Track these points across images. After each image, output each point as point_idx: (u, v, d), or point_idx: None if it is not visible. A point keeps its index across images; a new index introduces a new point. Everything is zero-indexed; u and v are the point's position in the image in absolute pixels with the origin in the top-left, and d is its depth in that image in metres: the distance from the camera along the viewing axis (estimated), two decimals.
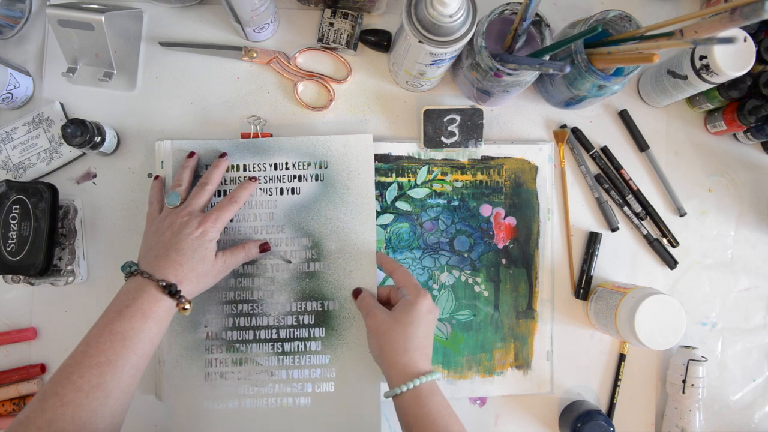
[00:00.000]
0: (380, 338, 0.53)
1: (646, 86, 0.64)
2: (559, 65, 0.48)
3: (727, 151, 0.67)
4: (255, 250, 0.58)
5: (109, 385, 0.43)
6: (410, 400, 0.49)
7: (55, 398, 0.42)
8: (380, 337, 0.53)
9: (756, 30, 0.59)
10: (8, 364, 0.60)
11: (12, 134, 0.61)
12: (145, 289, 0.48)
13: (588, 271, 0.64)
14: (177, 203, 0.55)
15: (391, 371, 0.51)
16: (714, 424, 0.65)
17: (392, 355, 0.51)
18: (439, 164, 0.63)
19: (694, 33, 0.45)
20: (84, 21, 0.55)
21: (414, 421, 0.48)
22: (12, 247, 0.54)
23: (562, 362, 0.63)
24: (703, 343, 0.65)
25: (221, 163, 0.59)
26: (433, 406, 0.48)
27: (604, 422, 0.58)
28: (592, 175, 0.64)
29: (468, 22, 0.50)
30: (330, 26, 0.61)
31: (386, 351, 0.52)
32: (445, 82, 0.64)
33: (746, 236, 0.67)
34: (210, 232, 0.52)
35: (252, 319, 0.60)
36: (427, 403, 0.49)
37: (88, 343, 0.45)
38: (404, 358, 0.51)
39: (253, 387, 0.59)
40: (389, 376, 0.51)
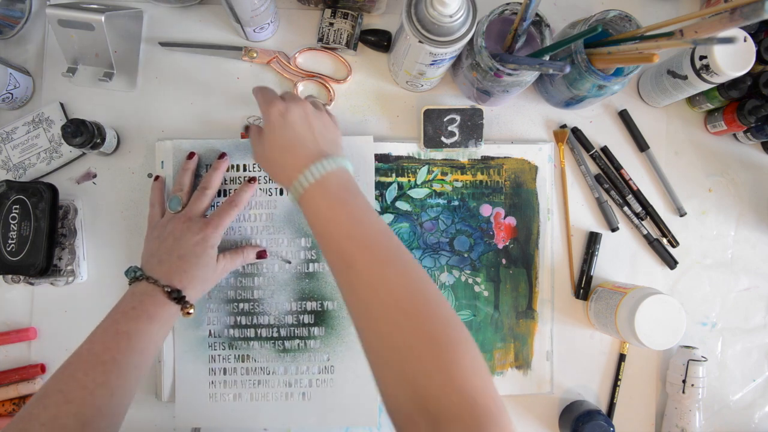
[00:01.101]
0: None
1: (646, 86, 0.64)
2: (559, 65, 0.48)
3: (727, 151, 0.67)
4: (252, 255, 0.59)
5: (113, 383, 0.44)
6: (303, 205, 0.45)
7: (58, 395, 0.42)
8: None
9: (756, 30, 0.59)
10: (8, 364, 0.60)
11: (12, 134, 0.61)
12: (151, 294, 0.48)
13: (588, 271, 0.64)
14: (179, 208, 0.55)
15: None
16: (714, 424, 0.65)
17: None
18: (439, 164, 0.63)
19: (694, 33, 0.45)
20: (84, 21, 0.55)
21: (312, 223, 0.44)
22: (12, 247, 0.54)
23: (562, 362, 0.63)
24: (703, 343, 0.65)
25: (221, 164, 0.59)
26: (320, 203, 0.43)
27: (604, 422, 0.58)
28: (592, 175, 0.64)
29: (468, 22, 0.50)
30: (330, 26, 0.61)
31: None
32: (445, 82, 0.64)
33: (746, 236, 0.67)
34: (211, 238, 0.53)
35: (253, 318, 0.60)
36: (312, 203, 0.44)
37: (93, 342, 0.45)
38: (278, 175, 0.48)
39: (255, 383, 0.60)
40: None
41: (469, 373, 0.36)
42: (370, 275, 0.40)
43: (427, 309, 0.38)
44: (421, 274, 0.40)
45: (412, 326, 0.37)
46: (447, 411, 0.34)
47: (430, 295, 0.39)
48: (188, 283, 0.50)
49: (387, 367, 0.38)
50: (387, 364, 0.38)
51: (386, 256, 0.41)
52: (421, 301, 0.39)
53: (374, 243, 0.41)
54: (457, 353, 0.36)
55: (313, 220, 0.44)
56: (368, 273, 0.40)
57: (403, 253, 0.41)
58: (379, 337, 0.39)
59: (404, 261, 0.41)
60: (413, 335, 0.37)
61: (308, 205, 0.45)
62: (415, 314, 0.38)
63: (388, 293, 0.39)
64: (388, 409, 0.38)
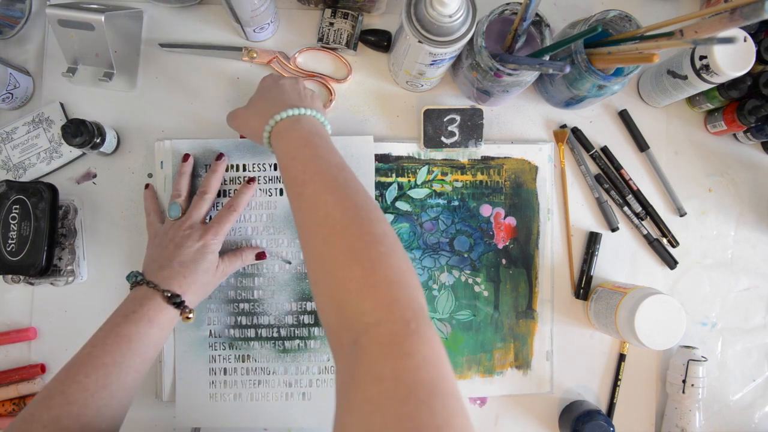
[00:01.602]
0: (241, 125, 0.53)
1: (646, 86, 0.64)
2: (559, 65, 0.48)
3: (727, 151, 0.67)
4: (251, 257, 0.59)
5: (114, 386, 0.44)
6: (275, 146, 0.47)
7: (60, 397, 0.42)
8: (241, 125, 0.53)
9: (756, 30, 0.59)
10: (8, 364, 0.60)
11: (12, 134, 0.61)
12: (151, 298, 0.49)
13: (588, 271, 0.64)
14: (179, 215, 0.56)
15: (258, 137, 0.49)
16: (714, 424, 0.65)
17: (252, 127, 0.50)
18: (439, 164, 0.63)
19: (694, 33, 0.45)
20: (84, 21, 0.55)
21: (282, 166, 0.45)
22: (12, 247, 0.54)
23: (562, 362, 0.63)
24: (703, 343, 0.65)
25: (219, 166, 0.59)
26: (286, 143, 0.45)
27: (604, 422, 0.58)
28: (592, 175, 0.64)
29: (468, 22, 0.50)
30: (330, 26, 0.61)
31: (248, 129, 0.51)
32: (445, 82, 0.64)
33: (746, 236, 0.67)
34: (211, 245, 0.54)
35: (253, 318, 0.60)
36: (281, 142, 0.46)
37: (94, 345, 0.46)
38: (256, 121, 0.50)
39: (255, 383, 0.60)
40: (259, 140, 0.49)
41: (389, 284, 0.35)
42: (314, 199, 0.41)
43: (358, 228, 0.38)
44: (363, 202, 0.41)
45: (340, 243, 0.38)
46: (364, 325, 0.33)
47: (364, 216, 0.39)
48: (187, 288, 0.51)
49: (318, 286, 0.39)
50: (318, 283, 0.39)
51: (333, 185, 0.42)
52: (354, 221, 0.39)
53: (326, 174, 0.43)
54: (376, 266, 0.36)
55: (280, 157, 0.46)
56: (313, 198, 0.41)
57: (351, 185, 0.42)
58: (313, 257, 0.40)
59: (350, 189, 0.41)
60: (340, 251, 0.38)
61: (278, 143, 0.47)
62: (343, 231, 0.38)
63: (325, 215, 0.40)
64: (325, 331, 0.38)
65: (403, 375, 0.30)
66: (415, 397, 0.29)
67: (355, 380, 0.31)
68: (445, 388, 0.30)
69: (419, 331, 0.32)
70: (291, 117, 0.47)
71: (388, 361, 0.31)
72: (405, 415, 0.28)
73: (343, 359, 0.35)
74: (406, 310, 0.34)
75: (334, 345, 0.36)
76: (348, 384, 0.32)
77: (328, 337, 0.38)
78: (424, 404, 0.29)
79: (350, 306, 0.35)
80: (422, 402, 0.29)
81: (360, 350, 0.32)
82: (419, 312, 0.34)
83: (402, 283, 0.36)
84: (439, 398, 0.29)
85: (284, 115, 0.47)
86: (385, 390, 0.30)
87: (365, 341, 0.33)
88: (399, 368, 0.30)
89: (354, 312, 0.35)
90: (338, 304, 0.36)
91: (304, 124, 0.47)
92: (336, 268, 0.37)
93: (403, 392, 0.29)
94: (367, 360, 0.32)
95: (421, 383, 0.30)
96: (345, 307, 0.35)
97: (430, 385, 0.30)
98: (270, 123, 0.47)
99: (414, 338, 0.32)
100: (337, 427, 0.31)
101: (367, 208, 0.40)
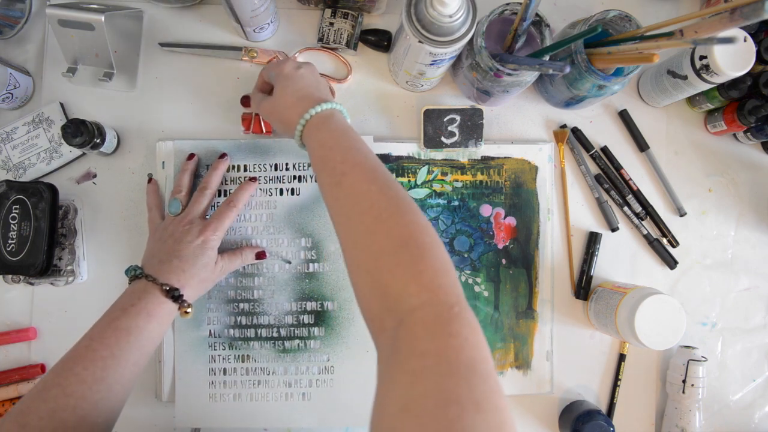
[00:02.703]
0: (272, 117, 0.53)
1: (646, 86, 0.64)
2: (559, 65, 0.48)
3: (727, 151, 0.67)
4: (251, 256, 0.59)
5: (112, 379, 0.44)
6: (309, 138, 0.48)
7: (57, 389, 0.42)
8: (271, 116, 0.53)
9: (756, 30, 0.59)
10: (8, 364, 0.60)
11: (12, 134, 0.61)
12: (150, 291, 0.49)
13: (588, 271, 0.64)
14: (179, 210, 0.56)
15: (289, 130, 0.50)
16: (714, 424, 0.65)
17: (285, 120, 0.50)
18: (439, 164, 0.63)
19: (694, 33, 0.45)
20: (84, 21, 0.55)
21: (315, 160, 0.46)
22: (12, 247, 0.54)
23: (562, 362, 0.63)
24: (703, 343, 0.65)
25: (220, 164, 0.59)
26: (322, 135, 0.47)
27: (604, 422, 0.58)
28: (592, 175, 0.64)
29: (468, 22, 0.50)
30: (330, 26, 0.61)
31: (280, 122, 0.51)
32: (445, 82, 0.64)
33: (746, 236, 0.67)
34: (210, 240, 0.54)
35: (253, 318, 0.60)
36: (317, 133, 0.47)
37: (91, 338, 0.46)
38: (289, 114, 0.50)
39: (255, 383, 0.60)
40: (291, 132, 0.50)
41: (434, 272, 0.36)
42: (355, 189, 0.42)
43: (401, 217, 0.40)
44: (402, 193, 0.42)
45: (385, 231, 0.39)
46: (409, 307, 0.35)
47: (406, 207, 0.40)
48: (186, 282, 0.51)
49: (361, 272, 0.40)
50: (360, 269, 0.40)
51: (373, 176, 0.43)
52: (396, 210, 0.40)
53: (364, 165, 0.44)
54: (423, 254, 0.37)
55: (316, 148, 0.47)
56: (353, 188, 0.42)
57: (389, 177, 0.43)
58: (355, 244, 0.41)
59: (388, 181, 0.42)
60: (385, 238, 0.39)
61: (313, 135, 0.47)
62: (387, 220, 0.39)
63: (369, 205, 0.41)
64: (364, 316, 0.39)
65: (445, 352, 0.32)
66: (456, 373, 0.30)
67: (398, 355, 0.33)
68: (484, 369, 0.31)
69: (462, 315, 0.34)
70: (325, 111, 0.48)
71: (433, 339, 0.33)
72: (445, 388, 0.30)
73: (385, 340, 0.36)
74: (450, 295, 0.35)
75: (376, 329, 0.38)
76: (390, 359, 0.33)
77: (369, 323, 0.39)
78: (464, 380, 0.30)
79: (396, 290, 0.36)
80: (463, 378, 0.30)
81: (404, 329, 0.34)
82: (461, 299, 0.36)
83: (446, 271, 0.37)
84: (479, 377, 0.31)
85: (319, 109, 0.48)
86: (427, 364, 0.31)
87: (410, 321, 0.34)
88: (442, 346, 0.32)
89: (400, 295, 0.36)
90: (383, 289, 0.37)
91: (338, 118, 0.48)
92: (382, 254, 0.38)
93: (445, 367, 0.31)
94: (410, 338, 0.33)
95: (463, 362, 0.31)
96: (390, 291, 0.36)
97: (471, 364, 0.31)
98: (305, 117, 0.48)
99: (457, 321, 0.34)
100: (377, 398, 0.32)
101: (407, 198, 0.42)
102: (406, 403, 0.30)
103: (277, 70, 0.53)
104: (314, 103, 0.48)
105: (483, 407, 0.29)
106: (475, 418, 0.28)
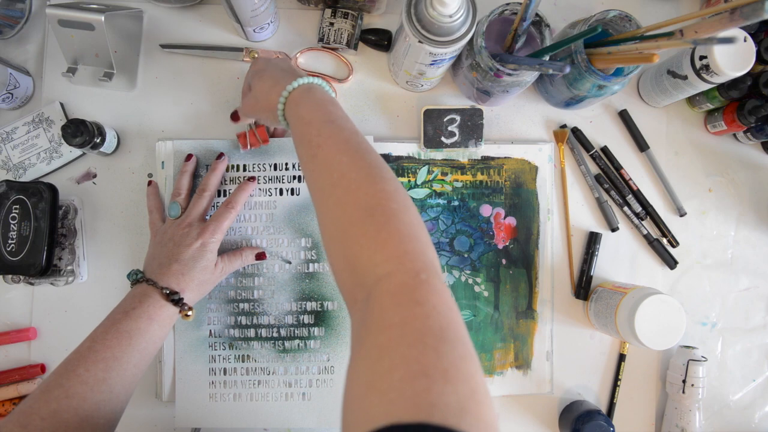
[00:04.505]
0: (256, 108, 0.52)
1: (646, 86, 0.64)
2: (559, 65, 0.48)
3: (727, 151, 0.67)
4: (251, 257, 0.59)
5: (114, 380, 0.44)
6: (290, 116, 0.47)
7: (59, 390, 0.42)
8: (255, 107, 0.52)
9: (756, 30, 0.59)
10: (8, 364, 0.60)
11: (12, 134, 0.61)
12: (151, 295, 0.49)
13: (588, 271, 0.64)
14: (178, 214, 0.56)
15: (274, 113, 0.49)
16: (714, 424, 0.65)
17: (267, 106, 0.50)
18: (439, 164, 0.63)
19: (694, 33, 0.45)
20: (84, 21, 0.55)
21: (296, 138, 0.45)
22: (12, 247, 0.54)
23: (562, 362, 0.63)
24: (703, 343, 0.65)
25: (218, 166, 0.59)
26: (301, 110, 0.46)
27: (604, 422, 0.58)
28: (592, 175, 0.64)
29: (468, 22, 0.50)
30: (330, 26, 0.61)
31: (264, 110, 0.51)
32: (445, 82, 0.64)
33: (746, 236, 0.67)
34: (209, 243, 0.54)
35: (253, 318, 0.60)
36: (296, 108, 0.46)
37: (94, 339, 0.46)
38: (269, 98, 0.49)
39: (255, 383, 0.60)
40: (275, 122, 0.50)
41: (399, 238, 0.35)
42: (329, 161, 0.41)
43: (371, 185, 0.38)
44: (375, 161, 0.41)
45: (353, 200, 0.38)
46: (375, 277, 0.34)
47: (376, 175, 0.39)
48: (186, 286, 0.52)
49: (332, 245, 0.39)
50: (332, 241, 0.39)
51: (346, 147, 0.42)
52: (367, 179, 0.39)
53: (339, 137, 0.43)
54: (389, 221, 0.36)
55: (296, 124, 0.46)
56: (327, 160, 0.41)
57: (363, 146, 0.42)
58: (327, 218, 0.40)
59: (363, 150, 0.42)
60: (353, 208, 0.38)
61: (293, 111, 0.46)
62: (356, 190, 0.38)
63: (340, 175, 0.40)
64: (340, 291, 0.38)
65: (411, 322, 0.30)
66: (422, 342, 0.29)
67: (366, 328, 0.32)
68: (453, 335, 0.30)
69: (429, 282, 0.33)
70: (303, 85, 0.47)
71: (398, 309, 0.31)
72: (412, 358, 0.28)
73: (357, 313, 0.35)
74: (416, 261, 0.34)
75: (349, 302, 0.37)
76: (359, 333, 0.33)
77: (343, 296, 0.38)
78: (431, 348, 0.29)
79: (363, 261, 0.35)
80: (429, 346, 0.29)
81: (372, 301, 0.33)
82: (429, 264, 0.35)
83: (413, 237, 0.36)
84: (448, 344, 0.29)
85: (296, 84, 0.47)
86: (393, 335, 0.30)
87: (377, 292, 0.33)
88: (408, 315, 0.31)
89: (366, 266, 0.35)
90: (352, 261, 0.36)
91: (317, 92, 0.47)
92: (350, 225, 0.37)
93: (411, 337, 0.29)
94: (378, 309, 0.32)
95: (430, 329, 0.30)
96: (358, 263, 0.36)
97: (438, 332, 0.30)
98: (284, 94, 0.47)
99: (424, 288, 0.32)
100: (348, 374, 0.31)
101: (380, 166, 0.41)
102: (373, 380, 0.28)
103: (252, 69, 0.54)
104: (291, 80, 0.47)
105: (452, 376, 0.28)
106: (444, 389, 0.27)
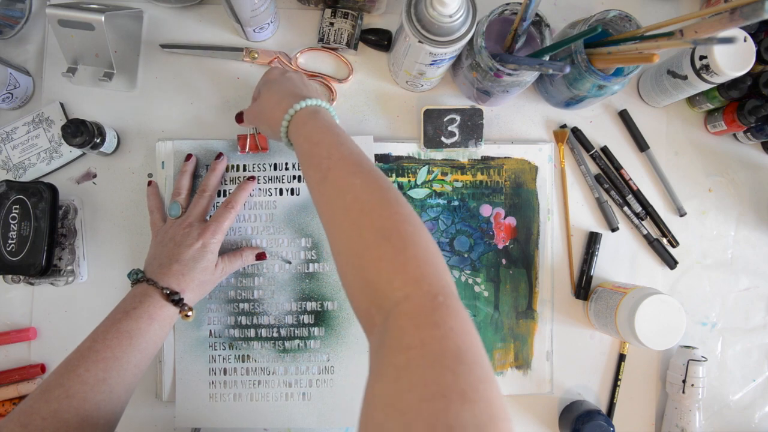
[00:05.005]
0: (259, 119, 0.52)
1: (646, 86, 0.64)
2: (559, 65, 0.48)
3: (727, 151, 0.67)
4: (251, 257, 0.59)
5: (114, 380, 0.44)
6: (294, 135, 0.47)
7: (59, 390, 0.42)
8: (258, 118, 0.52)
9: (756, 30, 0.59)
10: (8, 364, 0.60)
11: (12, 134, 0.61)
12: (151, 295, 0.50)
13: (588, 271, 0.64)
14: (179, 214, 0.56)
15: (276, 129, 0.49)
16: (714, 424, 0.65)
17: (270, 120, 0.50)
18: (439, 164, 0.63)
19: (694, 33, 0.45)
20: (84, 21, 0.55)
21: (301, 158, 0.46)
22: (12, 247, 0.54)
23: (562, 362, 0.63)
24: (703, 343, 0.65)
25: (218, 166, 0.59)
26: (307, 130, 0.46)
27: (604, 422, 0.58)
28: (592, 175, 0.64)
29: (468, 22, 0.50)
30: (330, 26, 0.61)
31: (267, 123, 0.51)
32: (445, 82, 0.64)
33: (746, 236, 0.67)
34: (210, 244, 0.54)
35: (253, 318, 0.60)
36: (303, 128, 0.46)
37: (94, 339, 0.46)
38: (274, 112, 0.49)
39: (255, 383, 0.60)
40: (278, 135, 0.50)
41: (417, 262, 0.36)
42: (340, 183, 0.41)
43: (386, 208, 0.39)
44: (387, 185, 0.41)
45: (369, 223, 0.38)
46: (394, 300, 0.34)
47: (389, 198, 0.40)
48: (186, 286, 0.52)
49: (348, 267, 0.39)
50: (348, 264, 0.39)
51: (358, 169, 0.42)
52: (382, 202, 0.39)
53: (348, 159, 0.43)
54: (406, 245, 0.37)
55: (302, 144, 0.46)
56: (339, 182, 0.41)
57: (374, 170, 0.43)
58: (341, 238, 0.40)
59: (373, 174, 0.42)
60: (369, 231, 0.38)
61: (299, 131, 0.47)
62: (370, 213, 0.39)
63: (353, 198, 0.40)
64: (355, 312, 0.39)
65: (429, 343, 0.31)
66: (440, 364, 0.29)
67: (385, 349, 0.32)
68: (471, 358, 0.30)
69: (447, 304, 0.33)
70: (310, 107, 0.47)
71: (417, 331, 0.32)
72: (430, 380, 0.29)
73: (375, 335, 0.35)
74: (433, 284, 0.35)
75: (367, 325, 0.37)
76: (378, 353, 0.33)
77: (359, 318, 0.38)
78: (449, 370, 0.29)
79: (381, 284, 0.36)
80: (447, 368, 0.29)
81: (390, 323, 0.33)
82: (447, 288, 0.35)
83: (429, 260, 0.36)
84: (465, 365, 0.30)
85: (303, 104, 0.47)
86: (412, 357, 0.30)
87: (395, 315, 0.33)
88: (426, 337, 0.31)
89: (385, 289, 0.35)
90: (369, 284, 0.36)
91: (324, 115, 0.47)
92: (366, 249, 0.37)
93: (429, 359, 0.30)
94: (396, 331, 0.32)
95: (448, 351, 0.30)
96: (376, 286, 0.36)
97: (456, 354, 0.30)
98: (290, 112, 0.47)
99: (442, 310, 0.33)
100: (366, 394, 0.32)
101: (392, 190, 0.41)
102: (391, 400, 0.29)
103: (265, 77, 0.54)
104: (299, 100, 0.48)
105: (470, 397, 0.28)
106: (462, 410, 0.27)
